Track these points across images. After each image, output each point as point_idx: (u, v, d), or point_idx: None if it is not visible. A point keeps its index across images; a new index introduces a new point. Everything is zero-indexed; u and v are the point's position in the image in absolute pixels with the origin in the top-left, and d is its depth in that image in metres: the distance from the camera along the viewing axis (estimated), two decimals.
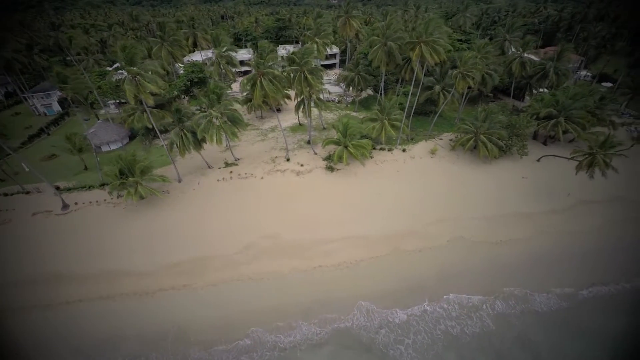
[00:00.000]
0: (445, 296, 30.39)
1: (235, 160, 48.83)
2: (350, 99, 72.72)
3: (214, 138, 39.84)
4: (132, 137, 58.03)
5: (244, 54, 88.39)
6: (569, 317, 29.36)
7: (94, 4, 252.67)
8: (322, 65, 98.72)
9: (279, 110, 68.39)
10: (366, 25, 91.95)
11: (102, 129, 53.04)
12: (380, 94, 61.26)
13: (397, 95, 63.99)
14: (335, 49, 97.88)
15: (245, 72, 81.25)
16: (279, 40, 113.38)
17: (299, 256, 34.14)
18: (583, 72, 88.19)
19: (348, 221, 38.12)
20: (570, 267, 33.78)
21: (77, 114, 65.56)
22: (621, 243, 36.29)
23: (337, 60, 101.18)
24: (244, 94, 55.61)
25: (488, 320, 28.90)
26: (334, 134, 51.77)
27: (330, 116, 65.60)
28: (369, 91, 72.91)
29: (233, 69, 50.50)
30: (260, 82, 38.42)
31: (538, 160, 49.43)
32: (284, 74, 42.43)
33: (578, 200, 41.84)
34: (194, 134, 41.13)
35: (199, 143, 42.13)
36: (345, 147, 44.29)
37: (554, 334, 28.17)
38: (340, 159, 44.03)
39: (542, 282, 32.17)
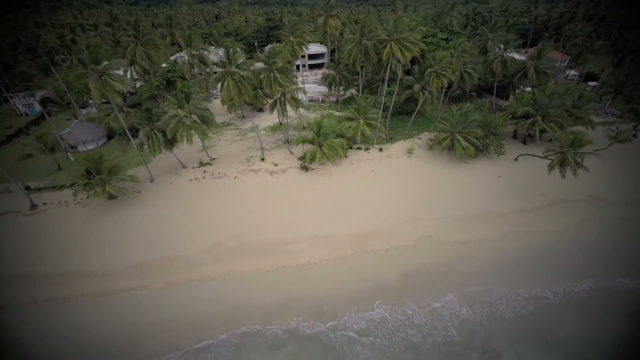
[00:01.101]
0: (407, 299, 29.79)
1: (211, 160, 48.49)
2: (333, 99, 72.44)
3: (184, 138, 39.60)
4: (111, 136, 57.74)
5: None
6: (535, 324, 28.58)
7: (90, 4, 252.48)
8: (310, 64, 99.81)
9: (261, 109, 68.21)
10: (356, 25, 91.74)
11: (79, 129, 52.74)
12: (362, 93, 61.02)
13: (383, 94, 63.85)
14: (323, 48, 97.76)
15: None
16: (270, 39, 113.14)
17: (263, 256, 33.82)
18: (570, 72, 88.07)
19: (317, 221, 37.80)
20: (539, 267, 33.34)
21: (57, 114, 65.45)
22: (592, 243, 35.85)
23: (325, 60, 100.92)
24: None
25: (452, 329, 27.91)
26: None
27: (312, 115, 65.31)
28: (353, 90, 72.68)
29: (208, 69, 50.23)
30: (228, 82, 38.11)
31: (516, 159, 49.14)
32: (261, 75, 42.12)
33: (552, 200, 41.51)
34: (164, 133, 40.79)
35: (170, 143, 41.81)
36: (320, 146, 44.05)
37: (518, 343, 27.36)
38: (313, 158, 43.77)
39: (509, 283, 31.63)
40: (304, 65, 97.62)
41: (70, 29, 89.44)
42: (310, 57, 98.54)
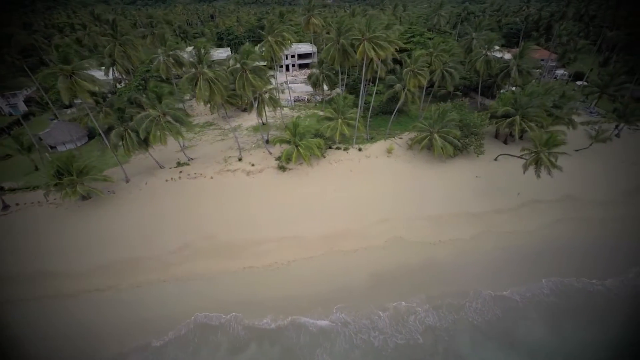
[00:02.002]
0: (373, 301, 29.35)
1: (189, 160, 48.27)
2: (319, 98, 72.19)
3: (157, 138, 39.40)
4: (92, 137, 57.50)
5: (220, 52, 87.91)
6: (501, 327, 27.99)
7: (87, 3, 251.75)
8: (299, 64, 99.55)
9: (245, 109, 67.92)
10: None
11: (58, 129, 52.55)
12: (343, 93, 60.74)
13: (362, 94, 63.79)
14: (312, 48, 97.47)
15: None
16: (261, 39, 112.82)
17: (232, 256, 33.58)
18: (560, 71, 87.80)
19: (289, 221, 37.56)
20: (510, 268, 32.82)
21: (42, 114, 65.35)
22: (565, 243, 35.44)
23: (315, 60, 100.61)
24: None
25: (417, 332, 27.38)
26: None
27: (297, 115, 65.05)
28: (338, 90, 72.49)
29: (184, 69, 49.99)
30: (200, 83, 37.86)
31: (495, 159, 48.86)
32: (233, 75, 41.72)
33: (528, 200, 41.19)
34: (138, 133, 40.54)
35: (144, 143, 41.55)
36: (297, 146, 43.79)
37: (484, 347, 26.75)
38: (289, 158, 43.54)
39: (478, 285, 31.09)
40: (293, 65, 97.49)
41: (59, 29, 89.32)
42: (300, 56, 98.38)
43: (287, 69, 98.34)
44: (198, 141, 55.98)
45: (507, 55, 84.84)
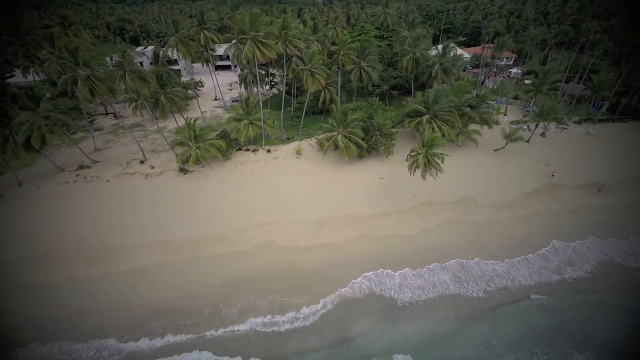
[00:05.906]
0: (217, 313, 28.21)
1: (92, 162, 47.39)
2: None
3: (38, 141, 38.53)
4: None
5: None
6: (343, 338, 26.98)
7: (75, 2, 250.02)
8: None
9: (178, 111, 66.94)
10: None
11: None
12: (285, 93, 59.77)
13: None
14: None
15: None
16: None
17: (93, 262, 32.55)
18: (514, 70, 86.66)
19: (165, 225, 36.52)
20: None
21: None
22: (445, 246, 34.53)
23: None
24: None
25: (251, 347, 26.37)
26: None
27: (227, 116, 64.19)
28: (275, 91, 71.69)
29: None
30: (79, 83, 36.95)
31: (406, 159, 47.72)
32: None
33: (421, 202, 40.12)
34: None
35: (31, 146, 40.61)
36: (196, 147, 42.82)
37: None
38: (185, 160, 42.63)
39: (331, 293, 29.85)
40: (235, 65, 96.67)
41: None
42: None
43: (242, 69, 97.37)
44: (115, 143, 55.18)
45: (467, 55, 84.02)
